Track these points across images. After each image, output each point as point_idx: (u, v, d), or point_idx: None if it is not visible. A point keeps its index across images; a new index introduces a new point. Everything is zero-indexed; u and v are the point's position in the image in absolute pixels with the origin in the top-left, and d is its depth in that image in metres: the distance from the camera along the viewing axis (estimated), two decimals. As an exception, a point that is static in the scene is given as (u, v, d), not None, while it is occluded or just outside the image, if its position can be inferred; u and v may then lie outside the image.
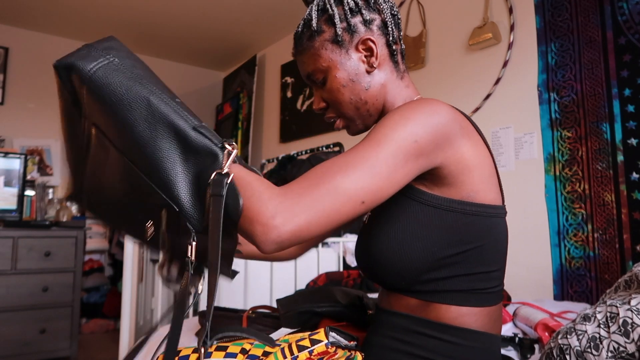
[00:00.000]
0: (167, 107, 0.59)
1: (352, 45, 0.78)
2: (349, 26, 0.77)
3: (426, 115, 0.66)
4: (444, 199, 0.70)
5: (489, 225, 0.72)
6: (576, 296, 1.81)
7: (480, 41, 2.16)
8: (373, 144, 0.65)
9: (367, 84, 0.79)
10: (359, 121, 0.83)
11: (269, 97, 3.85)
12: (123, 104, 0.58)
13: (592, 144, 1.81)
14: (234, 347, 0.62)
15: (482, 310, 0.72)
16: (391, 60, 0.81)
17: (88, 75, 0.59)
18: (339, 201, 0.59)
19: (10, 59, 3.47)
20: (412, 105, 0.68)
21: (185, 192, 0.58)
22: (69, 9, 3.22)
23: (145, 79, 0.62)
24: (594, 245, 1.77)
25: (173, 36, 3.69)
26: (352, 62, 0.78)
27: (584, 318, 0.68)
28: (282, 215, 0.55)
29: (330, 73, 0.79)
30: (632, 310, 0.60)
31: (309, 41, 0.79)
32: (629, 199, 1.68)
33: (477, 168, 0.70)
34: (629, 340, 0.59)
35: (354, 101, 0.79)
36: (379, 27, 0.79)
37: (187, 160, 0.59)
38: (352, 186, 0.60)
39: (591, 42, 1.84)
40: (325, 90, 0.81)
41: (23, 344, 2.65)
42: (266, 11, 3.25)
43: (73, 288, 2.84)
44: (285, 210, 0.56)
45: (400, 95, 0.82)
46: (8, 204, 2.86)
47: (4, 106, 3.43)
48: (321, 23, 0.79)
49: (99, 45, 0.63)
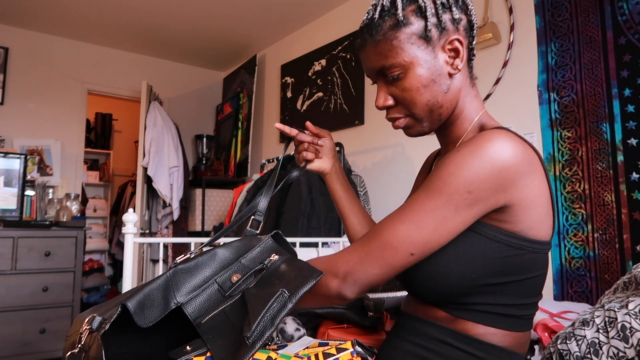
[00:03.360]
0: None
1: (439, 43, 0.72)
2: (440, 22, 0.71)
3: (487, 160, 0.63)
4: (495, 229, 0.68)
5: (532, 260, 0.70)
6: (576, 296, 1.81)
7: (480, 41, 2.15)
8: (425, 195, 0.67)
9: (446, 86, 0.74)
10: (426, 123, 0.77)
11: (269, 97, 3.84)
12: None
13: (592, 144, 1.81)
14: (260, 353, 0.64)
15: (511, 333, 0.70)
16: (468, 65, 0.78)
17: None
18: (389, 254, 0.66)
19: (10, 59, 3.47)
20: (473, 148, 0.65)
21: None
22: (69, 9, 3.22)
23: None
24: (594, 246, 1.77)
25: (173, 36, 3.69)
26: (437, 62, 0.72)
27: (583, 323, 0.68)
28: (351, 273, 0.68)
29: (411, 70, 0.72)
30: (630, 314, 0.60)
31: (392, 31, 0.71)
32: (629, 199, 1.68)
33: (537, 207, 0.68)
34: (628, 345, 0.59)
35: (430, 103, 0.74)
36: (464, 28, 0.74)
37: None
38: (398, 240, 0.66)
39: (591, 42, 1.83)
40: (400, 88, 0.74)
41: (23, 344, 2.65)
42: (266, 11, 3.25)
43: (73, 288, 2.84)
44: (352, 267, 0.68)
45: (471, 104, 0.78)
46: (8, 204, 2.86)
47: (4, 106, 3.43)
48: (408, 13, 0.71)
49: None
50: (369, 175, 2.79)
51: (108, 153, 5.20)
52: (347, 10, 3.10)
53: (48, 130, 3.58)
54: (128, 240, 1.65)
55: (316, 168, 0.98)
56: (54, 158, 3.54)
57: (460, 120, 0.79)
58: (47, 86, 3.61)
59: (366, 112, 2.85)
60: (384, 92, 0.77)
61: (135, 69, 4.05)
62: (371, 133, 2.81)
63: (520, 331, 0.71)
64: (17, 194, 2.88)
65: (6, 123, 3.42)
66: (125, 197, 4.74)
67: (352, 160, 2.90)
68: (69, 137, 3.67)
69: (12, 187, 2.88)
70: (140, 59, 4.10)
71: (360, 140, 2.88)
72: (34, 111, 3.54)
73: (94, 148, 5.09)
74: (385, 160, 2.72)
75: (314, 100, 3.24)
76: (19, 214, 2.87)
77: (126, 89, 3.98)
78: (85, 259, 4.44)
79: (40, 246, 2.75)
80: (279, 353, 0.66)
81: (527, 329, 0.73)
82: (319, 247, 2.15)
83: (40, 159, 3.47)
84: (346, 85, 2.98)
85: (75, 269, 2.86)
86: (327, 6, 3.17)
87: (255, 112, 3.87)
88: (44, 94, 3.59)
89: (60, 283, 2.80)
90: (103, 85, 3.89)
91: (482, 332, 0.69)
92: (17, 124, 3.46)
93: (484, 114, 0.79)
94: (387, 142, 2.69)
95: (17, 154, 2.95)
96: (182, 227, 3.57)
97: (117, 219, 4.73)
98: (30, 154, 3.40)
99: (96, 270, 4.52)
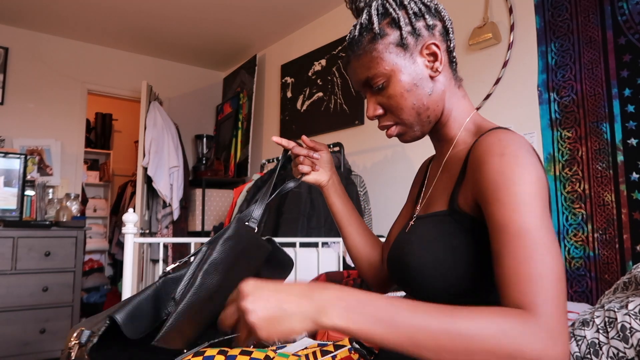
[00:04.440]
0: None
1: (416, 49, 0.76)
2: (414, 30, 0.76)
3: (527, 152, 0.65)
4: None
5: None
6: (576, 296, 1.81)
7: (480, 41, 2.15)
8: (522, 207, 0.61)
9: (429, 89, 0.77)
10: (417, 127, 0.80)
11: (269, 97, 3.84)
12: None
13: (592, 144, 1.81)
14: (259, 353, 0.64)
15: None
16: (450, 67, 0.81)
17: None
18: (562, 281, 0.57)
19: (10, 59, 3.47)
20: (509, 146, 0.66)
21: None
22: (69, 9, 3.22)
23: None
24: (594, 246, 1.77)
25: (173, 36, 3.69)
26: (416, 67, 0.77)
27: (583, 323, 0.68)
28: (551, 337, 0.53)
29: (393, 77, 0.76)
30: (629, 314, 0.60)
31: (370, 44, 0.77)
32: (629, 199, 1.68)
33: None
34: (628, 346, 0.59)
35: (416, 107, 0.77)
36: (440, 33, 0.79)
37: None
38: (558, 259, 0.58)
39: (591, 42, 1.83)
40: (385, 96, 0.78)
41: (23, 344, 2.65)
42: (266, 11, 3.25)
43: (73, 288, 2.84)
44: (550, 330, 0.53)
45: (459, 104, 0.81)
46: (8, 204, 2.86)
47: (4, 106, 3.43)
48: (384, 26, 0.77)
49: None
50: (369, 175, 2.79)
51: (108, 153, 5.20)
52: (347, 10, 3.09)
53: (48, 130, 3.58)
54: (128, 240, 1.65)
55: (313, 180, 0.98)
56: (54, 158, 3.54)
57: (451, 120, 0.81)
58: (47, 86, 3.61)
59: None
60: (373, 102, 0.81)
61: (135, 69, 4.05)
62: (371, 133, 2.81)
63: None
64: (17, 194, 2.88)
65: (6, 123, 3.42)
66: (125, 197, 4.74)
67: (352, 160, 2.90)
68: (69, 137, 3.67)
69: (12, 187, 2.88)
70: (140, 59, 4.10)
71: (360, 140, 2.88)
72: (34, 111, 3.54)
73: (94, 148, 5.09)
74: (385, 160, 2.72)
75: (314, 100, 3.24)
76: (19, 214, 2.87)
77: (126, 89, 3.98)
78: (85, 259, 4.44)
79: (40, 246, 2.75)
80: (277, 352, 0.66)
81: None
82: (319, 247, 2.15)
83: (40, 159, 3.47)
84: (346, 85, 2.98)
85: (75, 269, 2.86)
86: (327, 6, 3.17)
87: (255, 112, 3.88)
88: (44, 94, 3.59)
89: (60, 283, 2.80)
90: (103, 85, 3.89)
91: None
92: (17, 124, 3.46)
93: (476, 115, 0.82)
94: (387, 142, 2.69)
95: (17, 154, 2.95)
96: (182, 227, 3.58)
97: (117, 219, 4.73)
98: (30, 154, 3.40)
99: (96, 270, 4.52)
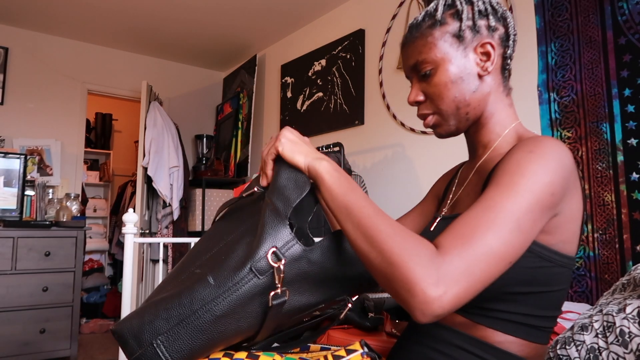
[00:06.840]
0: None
1: (471, 44, 0.77)
2: (474, 26, 0.76)
3: (559, 161, 0.63)
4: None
5: (559, 273, 0.69)
6: (576, 296, 1.81)
7: (480, 41, 2.15)
8: (512, 194, 0.60)
9: (475, 86, 0.77)
10: (453, 122, 0.80)
11: (269, 97, 3.84)
12: None
13: (592, 144, 1.80)
14: (265, 357, 0.63)
15: (529, 343, 0.70)
16: (502, 73, 0.80)
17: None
18: (493, 264, 0.56)
19: (10, 59, 3.47)
20: (542, 147, 0.65)
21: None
22: (69, 9, 3.22)
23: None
24: (594, 245, 1.77)
25: (173, 36, 3.69)
26: (467, 61, 0.77)
27: (582, 328, 0.68)
28: (444, 283, 0.52)
29: (442, 65, 0.76)
30: (628, 318, 0.60)
31: (429, 29, 0.78)
32: (629, 199, 1.68)
33: (575, 220, 0.68)
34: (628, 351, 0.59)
35: (457, 100, 0.77)
36: (500, 37, 0.78)
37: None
38: (504, 247, 0.57)
39: (591, 42, 1.83)
40: (430, 83, 0.78)
41: (23, 344, 2.65)
42: (266, 11, 3.25)
43: (73, 288, 2.85)
44: (446, 276, 0.52)
45: (503, 112, 0.80)
46: (8, 204, 2.86)
47: (4, 106, 3.43)
48: (446, 15, 0.78)
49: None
50: (369, 175, 2.79)
51: (108, 153, 5.20)
52: (347, 10, 3.10)
53: (48, 130, 3.58)
54: (128, 240, 1.65)
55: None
56: (54, 158, 3.54)
57: (491, 124, 0.80)
58: (47, 86, 3.61)
59: (366, 112, 2.85)
60: (417, 88, 0.81)
61: (135, 69, 4.04)
62: (371, 133, 2.81)
63: (538, 343, 0.70)
64: (17, 194, 2.88)
65: (6, 123, 3.42)
66: (125, 197, 4.74)
67: (352, 160, 2.90)
68: (69, 137, 3.67)
69: (12, 187, 2.88)
70: (140, 59, 4.09)
71: (360, 140, 2.88)
72: (34, 111, 3.54)
73: (94, 148, 5.09)
74: (385, 160, 2.71)
75: (314, 100, 3.24)
76: (19, 214, 2.87)
77: (126, 89, 3.98)
78: (85, 259, 4.44)
79: (40, 246, 2.75)
80: (283, 357, 0.65)
81: (544, 342, 0.72)
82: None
83: (40, 159, 3.47)
84: (346, 85, 2.98)
85: (75, 269, 2.86)
86: (327, 6, 3.17)
87: (255, 112, 3.87)
88: (44, 93, 3.59)
89: (60, 283, 2.80)
90: (103, 85, 3.89)
91: (501, 340, 0.68)
92: (17, 124, 3.46)
93: (519, 125, 0.81)
94: (387, 142, 2.69)
95: (17, 154, 2.95)
96: (182, 227, 3.58)
97: (117, 219, 4.73)
98: (30, 154, 3.40)
99: (96, 270, 4.52)
